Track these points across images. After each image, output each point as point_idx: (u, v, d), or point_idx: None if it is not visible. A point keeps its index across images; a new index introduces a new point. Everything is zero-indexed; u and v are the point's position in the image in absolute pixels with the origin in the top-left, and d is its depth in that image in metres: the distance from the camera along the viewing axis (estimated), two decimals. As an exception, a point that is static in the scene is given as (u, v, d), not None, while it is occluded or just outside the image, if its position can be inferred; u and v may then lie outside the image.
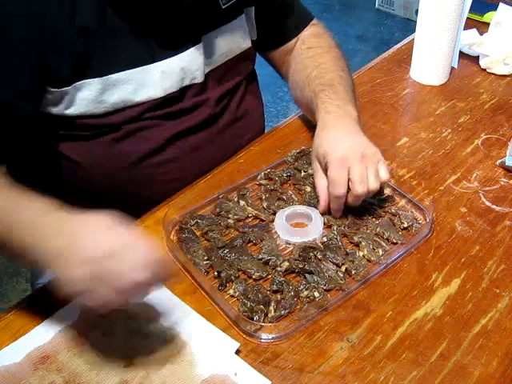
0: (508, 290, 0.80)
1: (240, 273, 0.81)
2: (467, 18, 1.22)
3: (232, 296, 0.78)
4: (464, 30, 1.23)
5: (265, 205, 0.92)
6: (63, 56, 0.81)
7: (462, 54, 1.26)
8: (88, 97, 0.85)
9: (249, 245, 0.86)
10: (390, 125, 1.11)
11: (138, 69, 0.88)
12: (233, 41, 1.00)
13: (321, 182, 0.88)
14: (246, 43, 1.03)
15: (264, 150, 1.05)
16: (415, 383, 0.69)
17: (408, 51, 1.27)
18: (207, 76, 0.97)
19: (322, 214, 0.89)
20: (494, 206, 0.93)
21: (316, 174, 0.90)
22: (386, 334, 0.74)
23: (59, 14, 0.79)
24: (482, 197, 0.94)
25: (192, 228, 0.88)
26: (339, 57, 1.05)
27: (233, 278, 0.80)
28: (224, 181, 0.96)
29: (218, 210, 0.91)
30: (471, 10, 1.27)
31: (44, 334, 0.74)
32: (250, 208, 0.91)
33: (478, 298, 0.79)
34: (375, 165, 0.85)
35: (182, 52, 0.91)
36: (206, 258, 0.83)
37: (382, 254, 0.84)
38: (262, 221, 0.90)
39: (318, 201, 0.89)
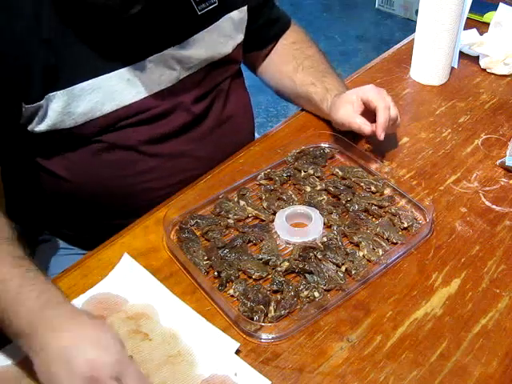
0: (508, 289, 0.80)
1: (240, 273, 0.81)
2: (467, 17, 1.22)
3: (232, 296, 0.78)
4: (464, 29, 1.23)
5: (265, 205, 0.92)
6: (32, 70, 0.81)
7: (462, 54, 1.26)
8: (56, 109, 0.85)
9: (249, 245, 0.86)
10: (390, 125, 1.11)
11: (102, 77, 0.87)
12: (210, 46, 0.98)
13: (356, 115, 0.96)
14: (227, 48, 1.02)
15: (264, 149, 1.04)
16: (415, 383, 0.69)
17: (408, 51, 1.27)
18: (181, 81, 0.96)
19: (369, 133, 0.95)
20: (494, 206, 0.93)
21: (349, 114, 0.97)
22: (386, 334, 0.74)
23: (25, 28, 0.79)
24: (482, 197, 0.94)
25: (192, 228, 0.88)
26: (320, 51, 1.17)
27: (233, 278, 0.80)
28: (224, 181, 0.96)
29: (217, 210, 0.91)
30: (471, 10, 1.27)
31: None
32: (250, 208, 0.91)
33: (478, 298, 0.79)
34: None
35: (146, 58, 0.90)
36: (205, 257, 0.83)
37: (382, 254, 0.84)
38: (262, 221, 0.90)
39: (361, 131, 0.96)
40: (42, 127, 0.86)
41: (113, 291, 0.79)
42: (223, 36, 1.01)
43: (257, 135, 1.28)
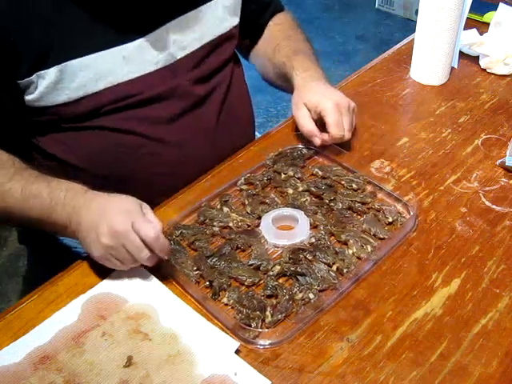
0: (508, 290, 0.80)
1: (231, 280, 0.80)
2: (467, 17, 1.22)
3: (226, 304, 0.77)
4: (464, 29, 1.23)
5: (249, 210, 0.91)
6: (25, 45, 0.81)
7: (462, 54, 1.26)
8: (48, 84, 0.85)
9: (237, 251, 0.85)
10: (389, 125, 1.11)
11: (96, 54, 0.87)
12: (205, 26, 0.98)
13: (310, 123, 0.98)
14: (221, 29, 1.02)
15: (264, 150, 1.04)
16: (415, 383, 0.69)
17: (408, 51, 1.27)
18: (178, 61, 0.96)
19: (318, 145, 0.99)
20: (494, 206, 0.93)
21: (304, 119, 0.99)
22: (386, 334, 0.74)
23: (21, 4, 0.80)
24: (482, 197, 0.94)
25: (177, 239, 0.86)
26: (303, 32, 1.18)
27: (225, 286, 0.79)
28: (204, 189, 0.95)
29: (201, 218, 0.89)
30: (471, 10, 1.27)
31: (44, 334, 0.74)
32: (234, 214, 0.90)
33: (478, 298, 0.79)
34: (353, 114, 1.00)
35: (142, 36, 0.90)
36: (195, 268, 0.81)
37: (371, 250, 0.84)
38: (248, 226, 0.89)
39: (310, 139, 0.99)
40: (34, 103, 0.86)
41: (113, 291, 0.79)
42: (217, 16, 1.01)
43: (257, 135, 1.28)
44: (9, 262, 1.97)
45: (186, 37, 0.96)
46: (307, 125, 0.98)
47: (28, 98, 0.86)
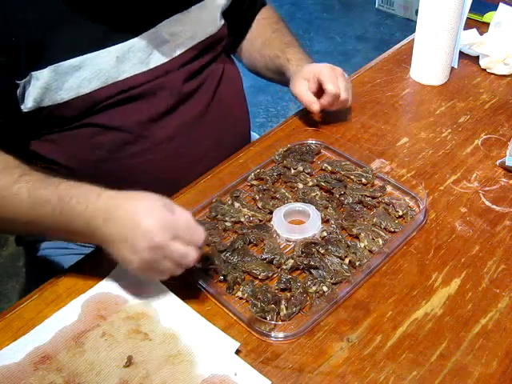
0: (508, 290, 0.80)
1: (245, 275, 0.81)
2: (467, 17, 1.22)
3: (241, 298, 0.78)
4: (464, 29, 1.23)
5: (260, 205, 0.92)
6: (19, 46, 0.81)
7: (462, 54, 1.26)
8: (41, 85, 0.85)
9: (249, 246, 0.86)
10: (390, 125, 1.11)
11: (90, 55, 0.87)
12: (198, 25, 1.00)
13: (309, 94, 1.03)
14: (212, 28, 1.04)
15: (264, 150, 1.04)
16: (415, 383, 0.69)
17: (408, 51, 1.27)
18: (171, 60, 0.97)
19: (317, 110, 1.03)
20: (494, 206, 0.93)
21: (303, 92, 1.03)
22: (386, 334, 0.74)
23: (12, 4, 0.80)
24: (482, 197, 0.94)
25: None
26: (286, 25, 1.24)
27: (239, 280, 0.80)
28: (215, 184, 0.95)
29: (213, 213, 0.90)
30: (471, 10, 1.27)
31: (44, 334, 0.74)
32: (245, 209, 0.91)
33: (478, 298, 0.79)
34: (349, 84, 1.07)
35: (136, 36, 0.91)
36: (209, 262, 0.82)
37: (383, 244, 0.84)
38: (260, 221, 0.90)
39: (310, 108, 1.03)
40: (29, 104, 0.86)
41: (113, 291, 0.79)
42: (209, 15, 1.03)
43: (257, 135, 1.28)
44: (9, 262, 1.97)
45: (179, 36, 0.97)
46: (307, 95, 1.03)
47: (24, 99, 0.86)
